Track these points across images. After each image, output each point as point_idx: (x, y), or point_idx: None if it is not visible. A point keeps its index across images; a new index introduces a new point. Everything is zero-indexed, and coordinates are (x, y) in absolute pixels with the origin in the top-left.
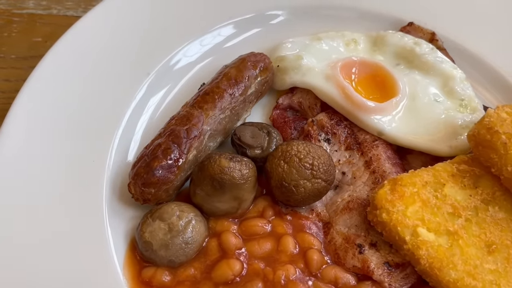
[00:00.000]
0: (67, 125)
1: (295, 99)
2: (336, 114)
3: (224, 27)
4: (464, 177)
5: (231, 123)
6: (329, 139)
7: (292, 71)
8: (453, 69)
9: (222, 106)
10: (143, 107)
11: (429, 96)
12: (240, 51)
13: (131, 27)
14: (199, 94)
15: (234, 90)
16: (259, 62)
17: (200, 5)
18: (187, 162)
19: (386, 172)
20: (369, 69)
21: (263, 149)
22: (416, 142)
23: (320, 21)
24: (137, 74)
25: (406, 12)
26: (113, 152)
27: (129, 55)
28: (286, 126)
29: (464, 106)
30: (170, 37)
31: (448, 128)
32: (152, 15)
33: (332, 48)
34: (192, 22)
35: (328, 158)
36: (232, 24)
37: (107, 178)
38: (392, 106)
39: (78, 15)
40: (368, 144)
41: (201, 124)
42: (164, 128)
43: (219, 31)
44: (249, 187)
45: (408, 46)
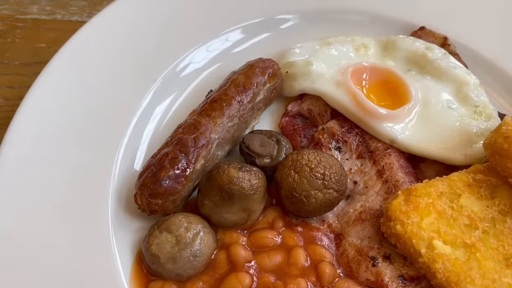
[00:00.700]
0: (72, 133)
1: (304, 106)
2: (347, 122)
3: (231, 32)
4: (481, 187)
5: (239, 131)
6: (340, 147)
7: (301, 78)
8: (466, 75)
9: (230, 114)
10: (150, 114)
11: (442, 103)
12: (248, 57)
13: (137, 33)
14: (206, 101)
15: (242, 97)
16: (268, 68)
17: (207, 10)
18: (194, 172)
19: (399, 182)
20: (380, 75)
21: (273, 158)
22: (430, 150)
23: (329, 26)
24: (144, 81)
25: (417, 16)
26: (119, 161)
27: (135, 61)
28: (295, 134)
29: (479, 113)
30: (177, 43)
31: (462, 136)
32: (158, 20)
33: (342, 53)
34: (199, 27)
35: (340, 167)
36: (240, 29)
37: (112, 188)
38: (405, 113)
39: (83, 20)
40: (380, 153)
41: (209, 132)
42: (171, 137)
43: (226, 36)
44: (258, 198)
45: (420, 51)
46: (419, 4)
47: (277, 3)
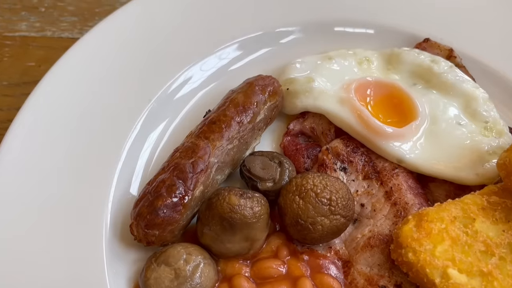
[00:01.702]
0: (64, 158)
1: (307, 124)
2: (352, 141)
3: (229, 47)
4: (496, 210)
5: (239, 153)
6: (345, 168)
7: (303, 95)
8: (475, 89)
9: (230, 136)
10: (145, 136)
11: (451, 119)
12: (247, 74)
13: (130, 50)
14: (204, 123)
15: (242, 117)
16: (268, 86)
17: (203, 26)
18: (193, 199)
19: (409, 204)
20: (385, 90)
21: (275, 182)
22: (440, 170)
23: (330, 38)
24: (138, 101)
25: (420, 27)
26: (114, 187)
27: (129, 80)
28: (298, 154)
29: (489, 129)
30: (172, 60)
31: (473, 154)
32: (152, 37)
33: (344, 68)
34: (195, 44)
35: (347, 191)
36: (238, 44)
37: (107, 216)
38: (412, 131)
39: (74, 37)
40: (387, 173)
41: (208, 156)
42: (167, 162)
43: (224, 52)
44: (261, 226)
45: (425, 65)
46: (422, 14)
47: (276, 16)
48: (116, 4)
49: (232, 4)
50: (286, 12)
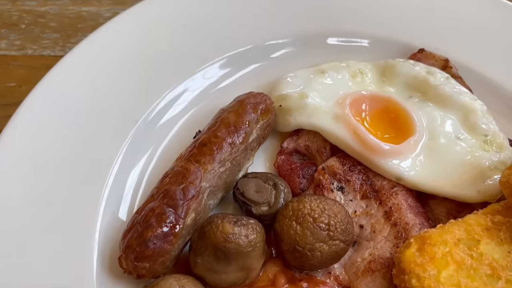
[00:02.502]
0: (48, 184)
1: (301, 142)
2: (349, 158)
3: (218, 63)
4: (500, 230)
5: (232, 175)
6: (342, 187)
7: (296, 112)
8: (473, 101)
9: (222, 158)
10: (133, 159)
11: (449, 133)
12: (237, 90)
13: (116, 69)
14: (195, 145)
15: (234, 138)
16: (260, 104)
17: (190, 42)
18: (185, 228)
19: (409, 225)
20: (380, 104)
21: (270, 205)
22: (440, 187)
23: (322, 50)
24: (124, 122)
25: (414, 37)
26: (101, 214)
27: (114, 101)
28: (293, 174)
29: (489, 143)
30: (158, 79)
31: (474, 170)
32: (138, 54)
33: (338, 81)
34: (183, 61)
35: (345, 215)
36: (227, 59)
37: (95, 247)
38: (410, 147)
39: (56, 55)
40: (386, 192)
41: (199, 181)
42: (157, 188)
43: (212, 68)
44: (257, 254)
45: (421, 76)
46: (416, 24)
47: (266, 29)
48: (100, 19)
49: (220, 19)
50: (276, 25)
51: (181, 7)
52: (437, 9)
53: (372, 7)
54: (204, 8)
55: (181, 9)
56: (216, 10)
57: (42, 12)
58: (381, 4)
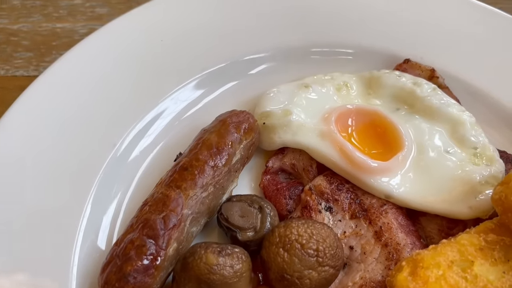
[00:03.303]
0: (22, 214)
1: (286, 161)
2: (336, 176)
3: (197, 80)
4: (494, 249)
5: (215, 199)
6: (330, 207)
7: (280, 129)
8: (461, 113)
9: (204, 183)
10: (111, 185)
11: (438, 147)
12: (219, 108)
13: (93, 89)
14: (175, 169)
15: (216, 160)
16: (242, 123)
17: (169, 57)
18: (167, 259)
19: (401, 245)
20: (367, 118)
21: (256, 230)
22: (430, 204)
23: (305, 63)
24: (102, 146)
25: (399, 47)
26: (79, 246)
27: (91, 124)
28: (279, 195)
29: (479, 157)
30: (137, 99)
31: (465, 185)
32: (117, 72)
33: (323, 96)
34: (161, 79)
35: (334, 239)
36: (207, 75)
37: (72, 282)
38: (399, 164)
39: (30, 75)
40: (375, 211)
41: (180, 208)
42: (136, 217)
43: (193, 86)
44: (243, 284)
45: (408, 88)
46: (401, 34)
47: (247, 43)
48: (75, 36)
49: (201, 34)
50: (257, 38)
51: (158, 22)
52: (421, 18)
53: (355, 17)
54: (183, 24)
55: (158, 25)
56: (197, 26)
57: (14, 30)
58: (364, 14)
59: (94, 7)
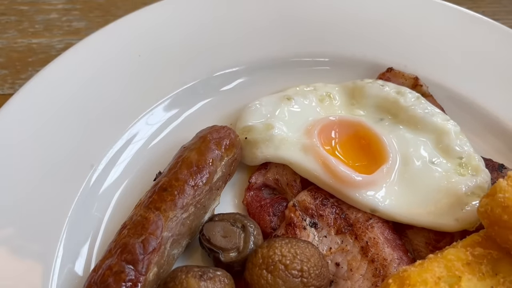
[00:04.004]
0: None
1: (270, 176)
2: (320, 191)
3: (177, 94)
4: (481, 263)
5: (197, 219)
6: (315, 223)
7: (262, 144)
8: (445, 122)
9: (184, 203)
10: (88, 208)
11: (423, 158)
12: (200, 123)
13: (72, 106)
14: (154, 190)
15: (197, 180)
16: (223, 139)
17: (151, 73)
18: (147, 285)
19: (387, 260)
20: (351, 129)
21: (239, 251)
22: (416, 217)
23: (287, 74)
24: (79, 167)
25: (382, 55)
26: (56, 273)
27: (69, 143)
28: (263, 212)
29: (465, 166)
30: (116, 116)
31: (451, 197)
32: (95, 87)
33: (306, 107)
34: (140, 95)
35: (318, 257)
36: (188, 89)
37: None
38: (383, 176)
39: (5, 93)
40: (361, 225)
41: (160, 231)
42: (114, 241)
43: (172, 101)
44: None
45: (391, 97)
46: (383, 42)
47: (227, 56)
48: (52, 51)
49: (181, 48)
50: (236, 51)
51: (137, 37)
52: (404, 26)
53: (337, 26)
54: (161, 38)
55: (137, 39)
56: (175, 41)
57: None
58: (345, 23)
59: (71, 21)
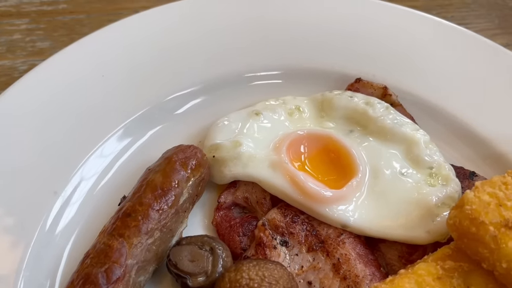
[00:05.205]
0: None
1: (239, 194)
2: (291, 208)
3: (143, 113)
4: (452, 277)
5: (163, 244)
6: (286, 241)
7: (231, 162)
8: (415, 132)
9: (149, 228)
10: (50, 236)
11: (393, 170)
12: (167, 142)
13: (35, 130)
14: (118, 215)
15: (161, 203)
16: (190, 159)
17: (115, 93)
18: None
19: (359, 277)
20: (320, 143)
21: (208, 275)
22: (388, 231)
23: (255, 87)
24: (42, 195)
25: (350, 66)
26: None
27: (32, 168)
28: (233, 232)
29: (435, 177)
30: (79, 139)
31: (422, 209)
32: (59, 109)
33: (275, 122)
34: (105, 116)
35: (288, 278)
36: (153, 108)
37: None
38: (353, 190)
39: None
40: (332, 242)
41: (124, 259)
42: (77, 272)
43: (142, 118)
44: None
45: (360, 108)
46: (351, 52)
47: (197, 72)
48: (15, 73)
49: (144, 67)
50: (200, 68)
51: (99, 55)
52: (371, 35)
53: (303, 37)
54: (125, 57)
55: (99, 58)
56: (138, 62)
57: None
58: (312, 34)
59: (35, 42)
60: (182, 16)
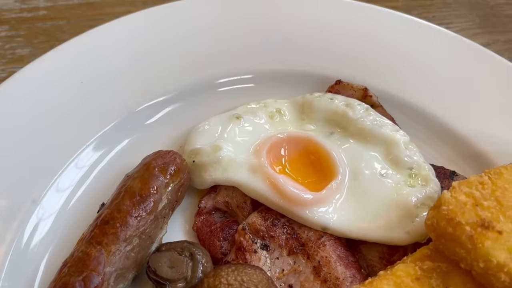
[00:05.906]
0: None
1: (219, 199)
2: (271, 212)
3: (120, 121)
4: (431, 277)
5: (143, 251)
6: (266, 245)
7: (210, 167)
8: (394, 133)
9: (128, 235)
10: (29, 247)
11: (372, 171)
12: (147, 147)
13: (11, 139)
14: (96, 223)
15: (140, 210)
16: (169, 164)
17: (94, 98)
18: None
19: (340, 279)
20: (300, 146)
21: (187, 280)
22: (368, 233)
23: (237, 91)
24: (19, 202)
25: (330, 67)
26: None
27: (9, 177)
28: (213, 237)
29: (414, 177)
30: (58, 146)
31: (401, 210)
32: (37, 119)
33: (255, 125)
34: (83, 123)
35: (267, 283)
36: (132, 115)
37: None
38: (333, 192)
39: None
40: (313, 244)
41: (102, 266)
42: (54, 281)
43: (116, 128)
44: None
45: (340, 110)
46: (331, 54)
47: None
48: None
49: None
50: (184, 71)
51: (77, 64)
52: (350, 36)
53: (283, 40)
54: (103, 64)
55: (78, 66)
56: (118, 68)
57: None
58: (291, 37)
59: (15, 49)
60: (155, 23)
